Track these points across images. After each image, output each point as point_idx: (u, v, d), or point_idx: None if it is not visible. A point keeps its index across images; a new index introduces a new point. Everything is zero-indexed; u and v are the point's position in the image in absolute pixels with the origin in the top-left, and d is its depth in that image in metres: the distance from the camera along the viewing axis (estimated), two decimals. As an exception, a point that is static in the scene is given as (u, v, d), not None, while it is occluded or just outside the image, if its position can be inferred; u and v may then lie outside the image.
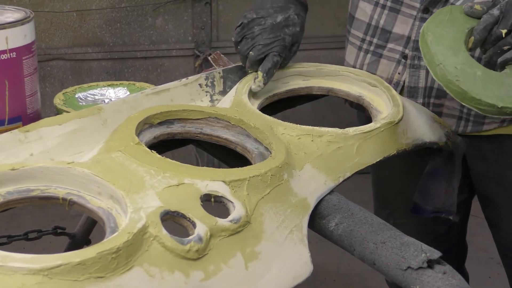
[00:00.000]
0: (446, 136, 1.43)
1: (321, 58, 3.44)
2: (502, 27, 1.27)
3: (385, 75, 1.58)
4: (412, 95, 1.55)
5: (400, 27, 1.54)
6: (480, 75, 1.27)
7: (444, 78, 1.26)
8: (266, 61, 1.37)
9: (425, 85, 1.54)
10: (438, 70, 1.26)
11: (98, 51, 3.38)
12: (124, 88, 1.51)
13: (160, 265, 0.91)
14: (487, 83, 1.27)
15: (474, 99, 1.25)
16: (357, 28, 1.61)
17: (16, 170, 1.01)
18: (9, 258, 0.83)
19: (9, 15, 1.32)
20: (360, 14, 1.60)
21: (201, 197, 1.01)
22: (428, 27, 1.31)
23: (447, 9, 1.35)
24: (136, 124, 1.14)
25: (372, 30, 1.58)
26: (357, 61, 1.63)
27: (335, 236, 1.13)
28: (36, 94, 1.35)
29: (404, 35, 1.53)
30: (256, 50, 1.37)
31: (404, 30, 1.53)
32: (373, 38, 1.58)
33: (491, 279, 2.83)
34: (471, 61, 1.29)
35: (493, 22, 1.28)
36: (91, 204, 1.01)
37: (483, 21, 1.29)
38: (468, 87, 1.25)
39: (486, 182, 1.65)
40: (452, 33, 1.31)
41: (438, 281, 0.99)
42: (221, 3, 3.42)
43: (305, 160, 1.17)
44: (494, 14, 1.28)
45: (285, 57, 1.40)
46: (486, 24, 1.28)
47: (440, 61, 1.26)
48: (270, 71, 1.36)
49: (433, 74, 1.28)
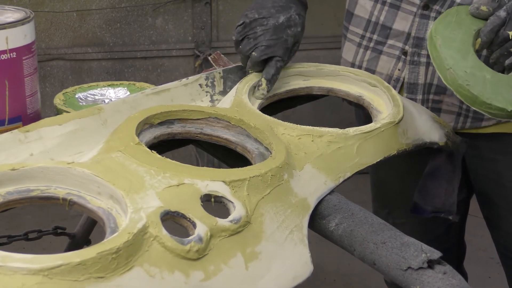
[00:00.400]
0: (446, 136, 1.43)
1: (321, 58, 3.44)
2: (509, 29, 1.28)
3: (385, 72, 1.58)
4: (411, 91, 1.56)
5: (400, 24, 1.54)
6: (489, 78, 1.28)
7: (454, 83, 1.27)
8: (269, 67, 1.36)
9: (425, 82, 1.54)
10: (448, 74, 1.27)
11: (98, 51, 3.38)
12: (124, 88, 1.51)
13: (160, 265, 0.91)
14: (496, 86, 1.27)
15: (484, 103, 1.26)
16: (356, 25, 1.61)
17: (16, 170, 1.01)
18: (9, 258, 0.83)
19: (9, 15, 1.31)
20: (360, 11, 1.60)
21: (201, 197, 1.01)
22: (436, 29, 1.31)
23: (454, 10, 1.36)
24: (136, 124, 1.13)
25: (372, 26, 1.58)
26: (357, 57, 1.62)
27: (335, 236, 1.13)
28: (36, 94, 1.35)
29: (404, 31, 1.54)
30: (259, 51, 1.36)
31: (404, 26, 1.53)
32: (373, 34, 1.59)
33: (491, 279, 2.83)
34: (480, 64, 1.29)
35: (500, 24, 1.28)
36: (91, 204, 1.00)
37: (490, 23, 1.29)
38: (479, 91, 1.26)
39: (484, 181, 1.65)
40: (460, 36, 1.31)
41: (438, 281, 0.99)
42: (221, 3, 3.42)
43: (305, 160, 1.17)
44: (501, 16, 1.28)
45: (287, 59, 1.39)
46: (493, 26, 1.28)
47: (450, 66, 1.27)
48: (274, 77, 1.36)
49: (443, 78, 1.28)
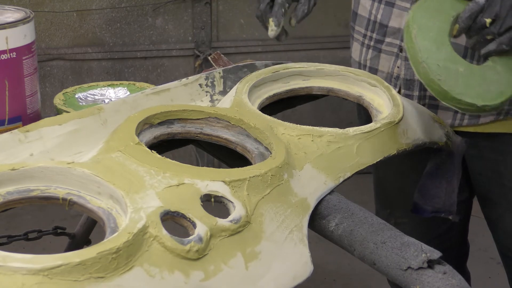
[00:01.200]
0: (446, 136, 1.43)
1: (321, 58, 3.44)
2: (486, 16, 1.28)
3: (385, 70, 1.59)
4: (408, 87, 1.56)
5: (395, 21, 1.55)
6: (462, 72, 1.26)
7: (426, 77, 1.26)
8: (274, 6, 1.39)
9: None
10: (421, 68, 1.26)
11: (98, 51, 3.38)
12: (124, 88, 1.51)
13: (160, 265, 0.91)
14: (469, 80, 1.26)
15: (454, 98, 1.25)
16: (359, 24, 1.63)
17: (16, 170, 1.01)
18: (9, 258, 0.83)
19: (9, 15, 1.32)
20: (361, 10, 1.62)
21: (201, 197, 1.01)
22: (414, 17, 1.30)
23: None
24: (136, 124, 1.13)
25: (371, 25, 1.60)
26: (361, 57, 1.64)
27: (335, 236, 1.13)
28: (36, 94, 1.35)
29: (400, 28, 1.54)
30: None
31: (399, 23, 1.54)
32: (372, 33, 1.60)
33: (491, 279, 2.83)
34: (454, 56, 1.28)
35: (478, 10, 1.28)
36: (91, 204, 1.00)
37: (468, 9, 1.29)
38: (450, 86, 1.24)
39: (485, 181, 1.65)
40: (438, 24, 1.29)
41: (438, 281, 0.99)
42: (221, 3, 3.42)
43: (305, 160, 1.17)
44: (479, 2, 1.28)
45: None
46: (471, 12, 1.28)
47: (423, 59, 1.26)
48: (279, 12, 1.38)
49: (415, 71, 1.27)
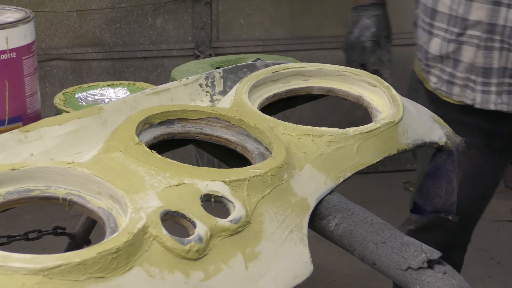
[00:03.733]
0: (446, 136, 1.43)
1: (321, 58, 3.43)
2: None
3: (467, 60, 1.77)
4: (486, 75, 1.75)
5: (475, 14, 1.72)
6: None
7: None
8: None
9: (499, 66, 1.73)
10: None
11: (98, 51, 3.38)
12: (124, 88, 1.51)
13: (160, 265, 0.91)
14: None
15: None
16: (440, 20, 1.80)
17: (16, 170, 1.01)
18: (9, 258, 0.83)
19: (9, 15, 1.31)
20: (441, 7, 1.79)
21: (201, 197, 1.01)
22: None
23: None
24: (136, 124, 1.13)
25: (453, 20, 1.77)
26: (442, 50, 1.81)
27: (335, 236, 1.13)
28: (36, 94, 1.35)
29: (480, 20, 1.71)
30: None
31: (479, 16, 1.72)
32: (454, 27, 1.77)
33: (491, 279, 2.83)
34: None
35: None
36: (91, 204, 1.00)
37: None
38: None
39: None
40: None
41: (438, 281, 0.99)
42: (221, 3, 3.42)
43: (305, 160, 1.17)
44: None
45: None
46: None
47: None
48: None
49: None
